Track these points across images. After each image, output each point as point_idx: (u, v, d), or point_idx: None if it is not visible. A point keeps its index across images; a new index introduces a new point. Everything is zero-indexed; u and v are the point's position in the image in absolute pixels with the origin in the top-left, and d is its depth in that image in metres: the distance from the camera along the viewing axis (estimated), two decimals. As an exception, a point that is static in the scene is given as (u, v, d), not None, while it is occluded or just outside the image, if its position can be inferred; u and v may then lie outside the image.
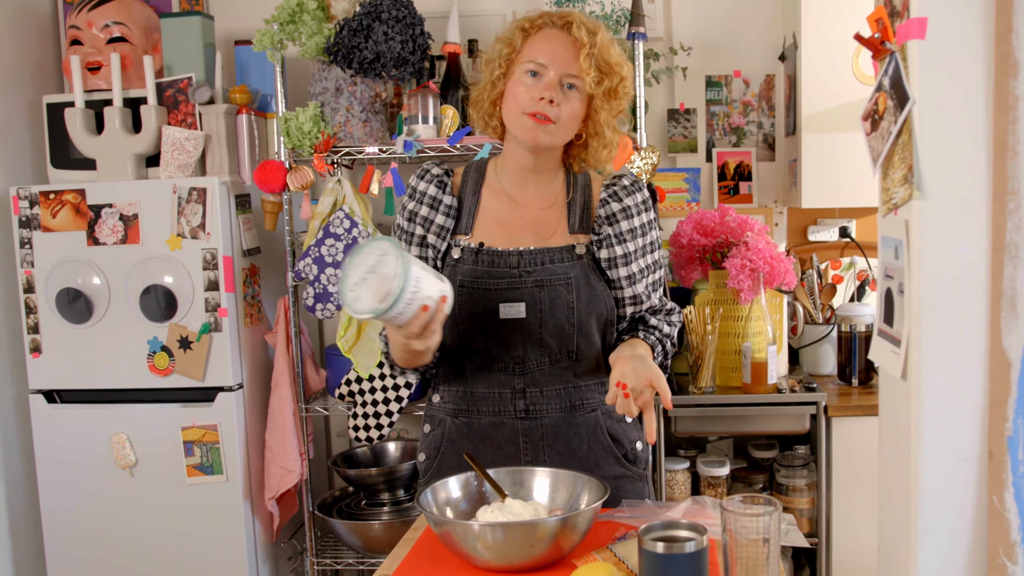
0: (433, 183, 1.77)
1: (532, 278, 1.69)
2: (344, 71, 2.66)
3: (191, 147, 2.74)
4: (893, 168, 1.32)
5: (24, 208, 2.73)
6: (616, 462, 1.75)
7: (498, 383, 1.72)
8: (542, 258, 1.70)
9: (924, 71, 1.23)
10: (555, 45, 1.64)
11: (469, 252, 1.72)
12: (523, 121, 1.64)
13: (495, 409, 1.73)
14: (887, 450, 1.44)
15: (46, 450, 2.80)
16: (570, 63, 1.63)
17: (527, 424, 1.71)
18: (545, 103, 1.61)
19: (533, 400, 1.71)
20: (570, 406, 1.72)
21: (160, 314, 2.68)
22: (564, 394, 1.72)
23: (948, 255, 1.26)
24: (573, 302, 1.69)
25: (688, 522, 1.28)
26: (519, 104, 1.64)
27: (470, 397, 1.75)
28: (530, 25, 1.67)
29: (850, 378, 2.85)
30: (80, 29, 2.86)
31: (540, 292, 1.68)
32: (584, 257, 1.72)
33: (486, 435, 1.74)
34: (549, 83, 1.62)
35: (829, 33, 2.79)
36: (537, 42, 1.65)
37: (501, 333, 1.69)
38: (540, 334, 1.68)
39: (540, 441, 1.72)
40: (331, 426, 3.36)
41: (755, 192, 3.19)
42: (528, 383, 1.71)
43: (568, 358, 1.71)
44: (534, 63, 1.63)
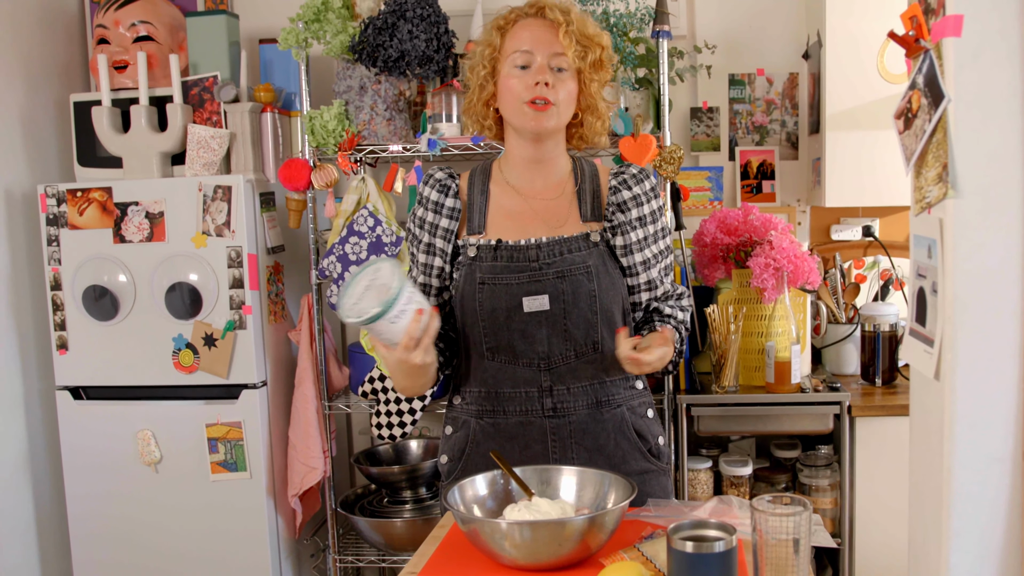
0: (435, 188, 1.80)
1: (553, 269, 1.70)
2: (368, 69, 2.67)
3: (216, 145, 2.76)
4: (927, 167, 1.31)
5: (51, 206, 2.75)
6: (642, 457, 1.76)
7: (524, 382, 1.72)
8: (559, 248, 1.71)
9: (960, 69, 1.22)
10: (535, 31, 1.68)
11: (487, 249, 1.73)
12: (523, 110, 1.67)
13: (522, 408, 1.73)
14: (919, 450, 1.43)
15: (72, 446, 2.82)
16: (553, 44, 1.67)
17: (555, 422, 1.72)
18: (541, 87, 1.65)
19: (560, 398, 1.72)
20: (596, 402, 1.73)
21: (185, 311, 2.70)
22: (590, 390, 1.73)
23: (982, 254, 1.25)
24: (595, 290, 1.70)
25: (717, 521, 1.28)
26: (516, 96, 1.67)
27: (495, 397, 1.75)
28: (504, 22, 1.72)
29: (873, 378, 2.83)
30: (107, 28, 2.88)
31: (562, 283, 1.69)
32: (599, 244, 1.73)
33: (513, 435, 1.73)
34: (539, 68, 1.66)
35: (854, 31, 2.77)
36: (517, 33, 1.70)
37: (526, 327, 1.70)
38: (565, 325, 1.69)
39: (568, 439, 1.72)
40: (353, 424, 3.37)
41: (778, 191, 3.17)
42: (554, 380, 1.71)
43: (593, 350, 1.71)
44: (519, 52, 1.67)
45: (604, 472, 1.55)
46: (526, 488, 1.54)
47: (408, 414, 2.79)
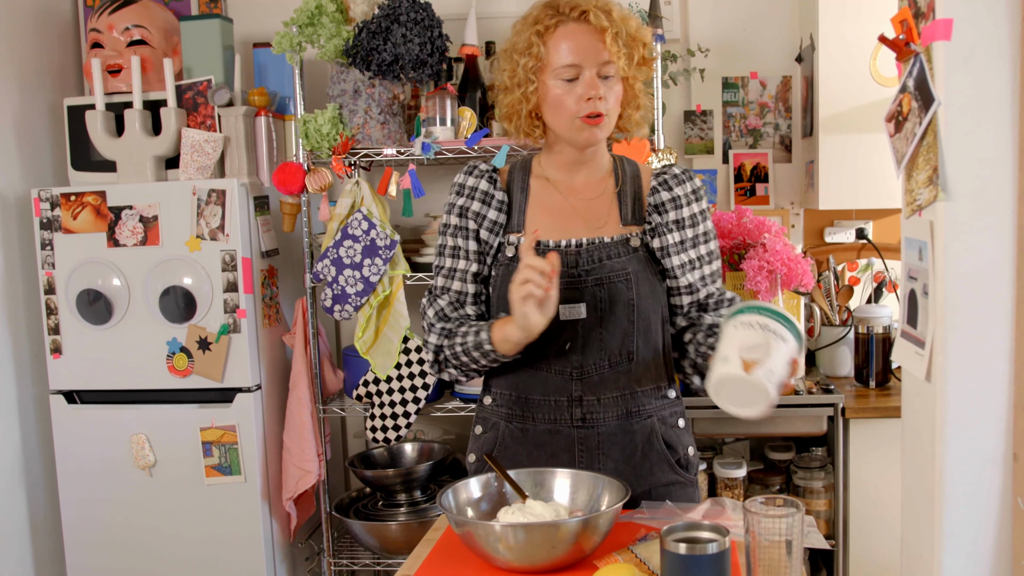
0: (484, 178, 1.74)
1: (592, 276, 1.64)
2: (362, 73, 2.67)
3: (210, 149, 2.76)
4: (917, 170, 1.31)
5: (45, 210, 2.75)
6: (670, 469, 1.71)
7: (554, 390, 1.68)
8: (599, 254, 1.66)
9: (950, 73, 1.23)
10: (580, 40, 1.59)
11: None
12: (576, 124, 1.62)
13: (551, 417, 1.69)
14: (911, 452, 1.44)
15: (66, 450, 2.82)
16: (600, 52, 1.59)
17: (583, 432, 1.68)
18: (594, 102, 1.59)
19: (590, 408, 1.67)
20: (627, 413, 1.68)
21: (179, 315, 2.70)
22: (621, 402, 1.68)
23: (973, 256, 1.26)
24: (633, 299, 1.65)
25: (710, 523, 1.28)
26: (567, 111, 1.61)
27: (525, 403, 1.70)
28: (544, 28, 1.62)
29: (867, 380, 2.84)
30: (100, 32, 2.88)
31: (600, 291, 1.64)
32: (639, 250, 1.68)
33: (541, 442, 1.70)
34: (590, 82, 1.59)
35: (847, 34, 2.78)
36: (559, 43, 1.60)
37: (560, 336, 1.65)
38: (600, 334, 1.65)
39: (596, 449, 1.68)
40: (348, 427, 3.37)
41: (772, 194, 3.18)
42: (585, 390, 1.67)
43: (628, 360, 1.66)
44: (566, 66, 1.60)
45: (597, 475, 1.55)
46: (520, 490, 1.54)
47: (403, 417, 2.80)
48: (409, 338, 2.76)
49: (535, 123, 1.70)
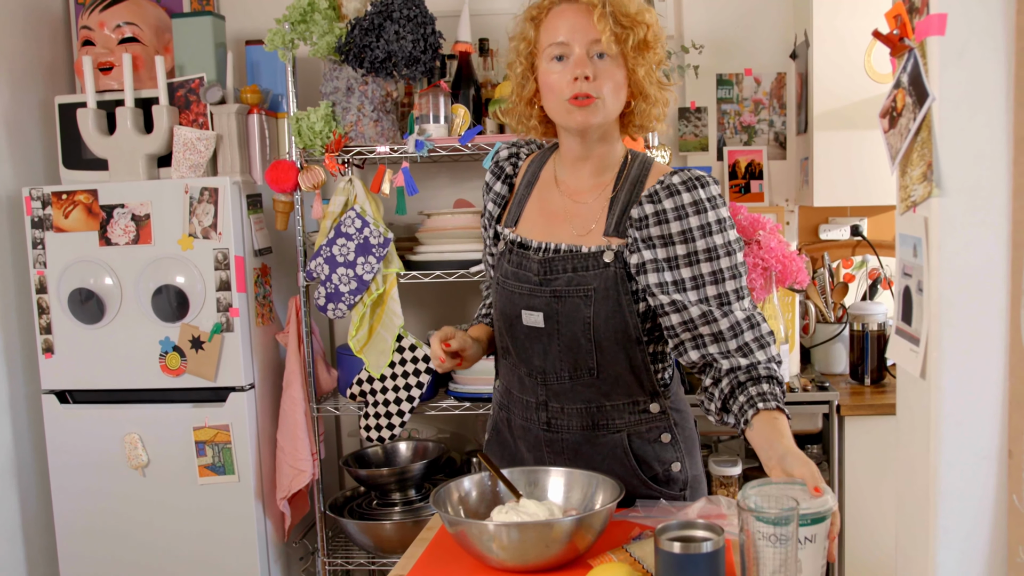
0: (491, 169, 1.77)
1: (550, 288, 1.60)
2: (355, 70, 2.66)
3: (203, 147, 2.74)
4: (912, 166, 1.31)
5: (36, 208, 2.74)
6: (641, 484, 1.65)
7: (526, 389, 1.69)
8: (565, 265, 1.59)
9: (944, 68, 1.22)
10: (569, 18, 1.54)
11: (507, 247, 1.70)
12: (566, 107, 1.54)
13: (523, 415, 1.71)
14: (905, 449, 1.43)
15: (58, 450, 2.81)
16: (590, 30, 1.52)
17: (549, 436, 1.68)
18: (581, 82, 1.52)
19: (554, 414, 1.67)
20: (593, 425, 1.65)
21: (172, 314, 2.69)
22: (587, 413, 1.65)
23: (968, 252, 1.25)
24: (590, 317, 1.57)
25: (705, 522, 1.28)
26: (557, 92, 1.55)
27: (508, 395, 1.75)
28: (537, 11, 1.59)
29: (862, 377, 2.83)
30: (92, 30, 2.86)
31: (557, 303, 1.59)
32: (612, 265, 1.57)
33: (519, 435, 1.74)
34: (578, 60, 1.52)
35: (841, 30, 2.78)
36: (550, 23, 1.56)
37: (525, 338, 1.65)
38: (559, 346, 1.62)
39: (562, 454, 1.68)
40: (342, 426, 3.36)
41: (766, 191, 3.18)
42: (550, 396, 1.66)
43: (589, 375, 1.61)
44: (555, 44, 1.54)
45: (592, 473, 1.54)
46: (514, 489, 1.53)
47: (397, 416, 2.79)
48: (403, 336, 2.75)
49: (531, 112, 1.65)
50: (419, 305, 3.24)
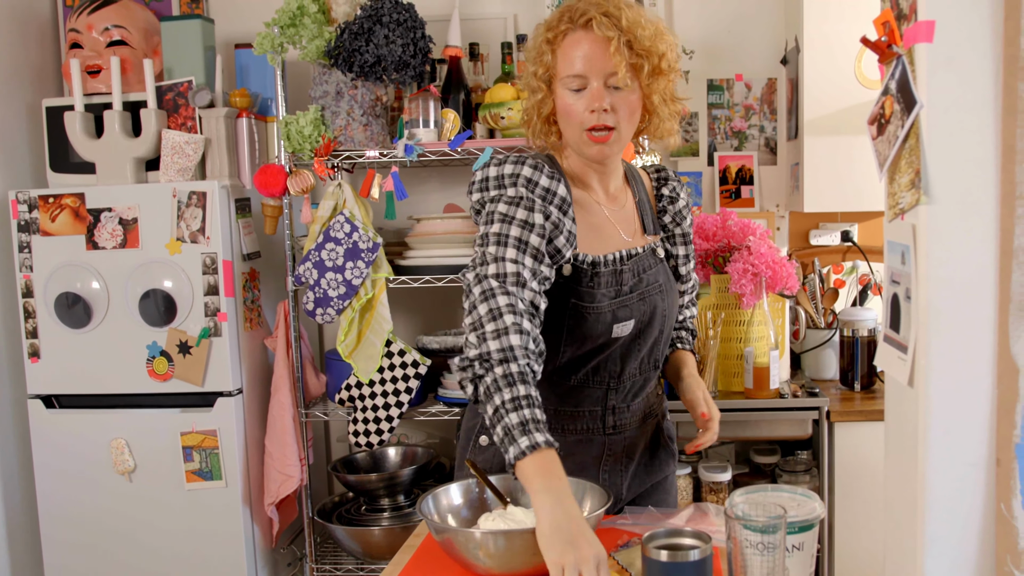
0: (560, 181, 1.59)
1: (636, 292, 1.64)
2: (345, 74, 2.65)
3: (191, 151, 2.73)
4: (900, 173, 1.30)
5: (23, 212, 2.72)
6: (673, 460, 1.84)
7: (590, 401, 1.68)
8: (638, 266, 1.66)
9: (932, 75, 1.22)
10: (586, 49, 1.54)
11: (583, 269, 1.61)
12: (584, 139, 1.58)
13: (583, 427, 1.69)
14: (893, 457, 1.43)
15: (44, 456, 2.79)
16: (606, 63, 1.53)
17: (613, 439, 1.72)
18: (599, 114, 1.55)
19: (620, 415, 1.71)
20: (644, 416, 1.76)
21: (159, 319, 2.67)
22: (644, 404, 1.75)
23: (956, 260, 1.25)
24: (665, 309, 1.68)
25: (692, 529, 1.27)
26: (575, 121, 1.57)
27: (554, 415, 1.66)
28: (554, 35, 1.58)
29: (852, 383, 2.83)
30: (80, 32, 2.85)
31: (643, 305, 1.65)
32: (663, 259, 1.74)
33: (569, 452, 1.55)
34: (595, 93, 1.54)
35: (831, 36, 2.78)
36: (567, 51, 1.56)
37: (609, 352, 1.64)
38: (639, 345, 1.66)
39: (620, 453, 1.74)
40: (331, 431, 3.34)
41: (757, 196, 3.18)
42: (618, 399, 1.70)
43: (654, 368, 1.73)
44: (572, 76, 1.55)
45: (580, 480, 1.54)
46: (501, 497, 1.52)
47: (386, 421, 2.77)
48: (392, 341, 2.74)
49: (550, 128, 1.66)
50: (408, 310, 3.23)
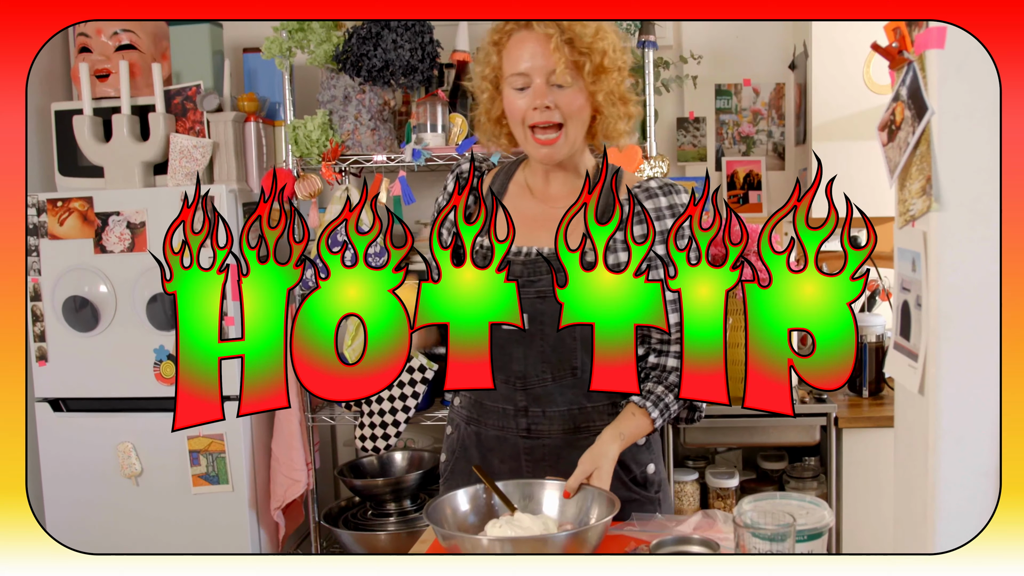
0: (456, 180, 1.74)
1: (534, 288, 1.61)
2: (353, 79, 2.65)
3: (199, 155, 2.74)
4: (911, 180, 1.30)
5: (31, 215, 2.73)
6: (622, 486, 1.66)
7: (502, 398, 1.68)
8: (548, 266, 1.61)
9: (943, 81, 1.21)
10: (527, 49, 1.56)
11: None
12: (528, 139, 1.59)
13: (499, 424, 1.69)
14: (903, 465, 1.42)
15: (51, 459, 2.79)
16: (547, 60, 1.54)
17: (529, 443, 1.68)
18: (540, 111, 1.56)
19: (535, 420, 1.66)
20: (574, 428, 1.66)
21: (167, 322, 2.67)
22: (568, 416, 1.66)
23: (967, 267, 1.24)
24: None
25: (700, 537, 1.26)
26: (519, 119, 1.59)
27: (479, 407, 1.72)
28: (499, 36, 1.60)
29: (860, 389, 2.82)
30: (89, 36, 2.85)
31: (541, 303, 1.60)
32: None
33: (491, 447, 1.71)
34: (537, 90, 1.56)
35: (840, 41, 2.77)
36: (511, 51, 1.58)
37: (504, 344, 1.63)
38: (541, 347, 1.63)
39: (542, 461, 1.67)
40: (337, 436, 3.34)
41: (765, 201, 3.17)
42: (530, 401, 1.66)
43: (572, 375, 1.64)
44: (516, 75, 1.57)
45: (588, 487, 1.52)
46: (508, 503, 1.51)
47: (392, 426, 2.77)
48: (399, 346, 2.73)
49: (500, 129, 1.68)
50: (416, 314, 3.22)
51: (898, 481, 1.45)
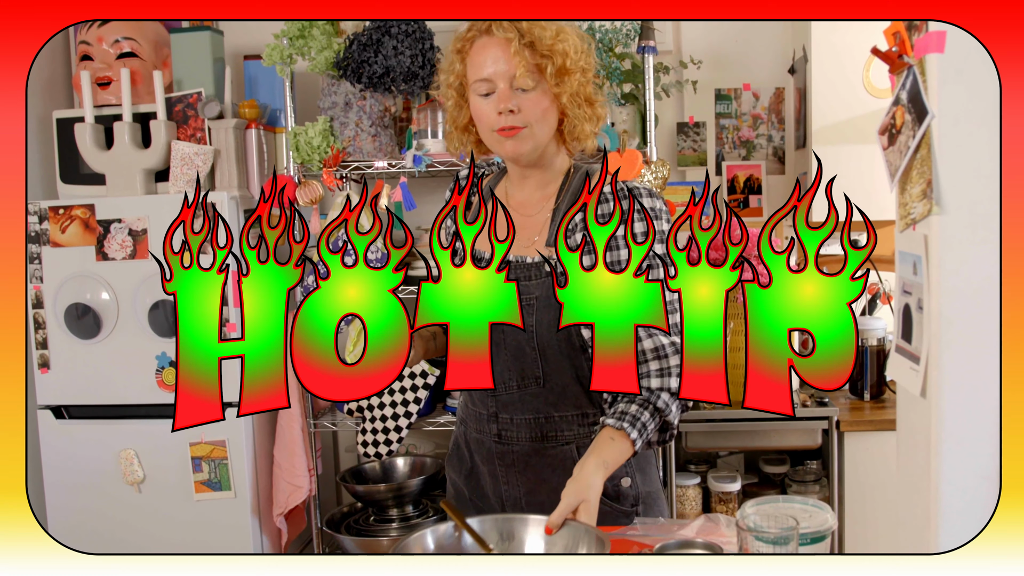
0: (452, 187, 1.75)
1: None
2: (353, 85, 2.66)
3: (200, 162, 2.74)
4: (911, 183, 1.30)
5: (33, 223, 2.73)
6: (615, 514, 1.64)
7: (479, 402, 1.70)
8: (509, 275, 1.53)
9: (943, 85, 1.22)
10: (489, 54, 1.55)
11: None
12: (496, 138, 1.59)
13: (478, 427, 1.72)
14: (905, 468, 1.42)
15: (54, 466, 2.79)
16: (509, 65, 1.54)
17: (500, 448, 1.69)
18: (505, 116, 1.55)
19: (504, 426, 1.67)
20: (541, 436, 1.66)
21: (169, 329, 2.67)
22: (535, 424, 1.66)
23: (968, 270, 1.24)
24: (532, 325, 1.60)
25: (704, 541, 1.27)
26: (486, 124, 1.58)
27: (465, 408, 1.77)
28: (462, 44, 1.60)
29: (862, 392, 2.82)
30: (90, 44, 2.86)
31: None
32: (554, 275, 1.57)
33: (475, 449, 1.75)
34: (501, 95, 1.55)
35: (839, 46, 2.78)
36: (474, 58, 1.58)
37: None
38: (505, 356, 1.63)
39: (512, 467, 1.68)
40: (339, 442, 3.34)
41: (765, 205, 3.17)
42: (500, 407, 1.67)
43: (536, 384, 1.63)
44: (479, 81, 1.56)
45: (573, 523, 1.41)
46: (482, 543, 1.41)
47: (394, 432, 2.77)
48: (401, 352, 2.73)
49: (467, 137, 1.68)
50: (417, 320, 3.23)
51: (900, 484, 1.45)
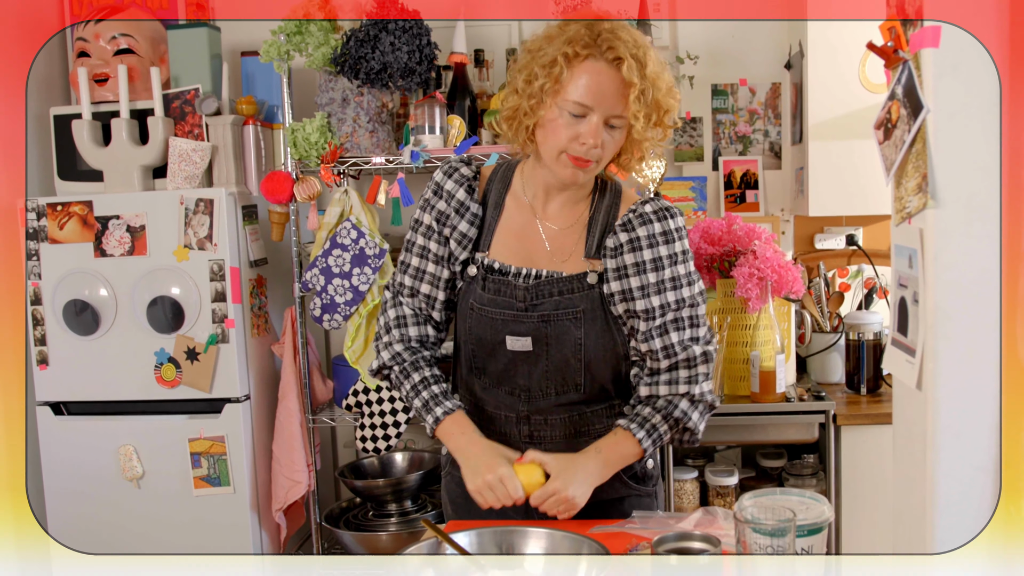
0: (463, 186, 1.67)
1: (538, 312, 1.62)
2: (351, 81, 2.66)
3: (198, 158, 2.74)
4: (907, 177, 1.31)
5: (31, 220, 2.73)
6: (622, 484, 1.70)
7: (504, 406, 1.70)
8: (551, 288, 1.62)
9: (938, 79, 1.22)
10: (602, 83, 1.49)
11: (481, 273, 1.66)
12: (562, 160, 1.54)
13: (501, 431, 1.71)
14: (902, 460, 1.43)
15: (53, 462, 2.79)
16: (617, 103, 1.49)
17: (531, 447, 1.68)
18: (588, 148, 1.51)
19: (537, 427, 1.69)
20: (575, 432, 1.69)
21: (167, 325, 2.68)
22: (569, 421, 1.69)
23: (963, 264, 1.25)
24: (581, 338, 1.62)
25: (702, 533, 1.27)
26: (558, 142, 1.53)
27: (479, 412, 1.74)
28: (573, 53, 1.49)
29: (858, 386, 2.83)
30: (87, 41, 2.86)
31: (547, 327, 1.62)
32: (597, 286, 1.62)
33: None
34: (592, 128, 1.50)
35: (835, 41, 2.79)
36: (581, 78, 1.49)
37: (509, 361, 1.67)
38: (547, 366, 1.65)
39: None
40: (338, 437, 3.35)
41: (762, 200, 3.18)
42: (532, 410, 1.69)
43: (576, 390, 1.67)
44: (577, 103, 1.49)
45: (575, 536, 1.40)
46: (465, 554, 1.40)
47: (393, 427, 2.78)
48: (399, 347, 2.74)
49: (531, 137, 1.61)
50: (415, 315, 3.23)
51: (897, 477, 1.46)
